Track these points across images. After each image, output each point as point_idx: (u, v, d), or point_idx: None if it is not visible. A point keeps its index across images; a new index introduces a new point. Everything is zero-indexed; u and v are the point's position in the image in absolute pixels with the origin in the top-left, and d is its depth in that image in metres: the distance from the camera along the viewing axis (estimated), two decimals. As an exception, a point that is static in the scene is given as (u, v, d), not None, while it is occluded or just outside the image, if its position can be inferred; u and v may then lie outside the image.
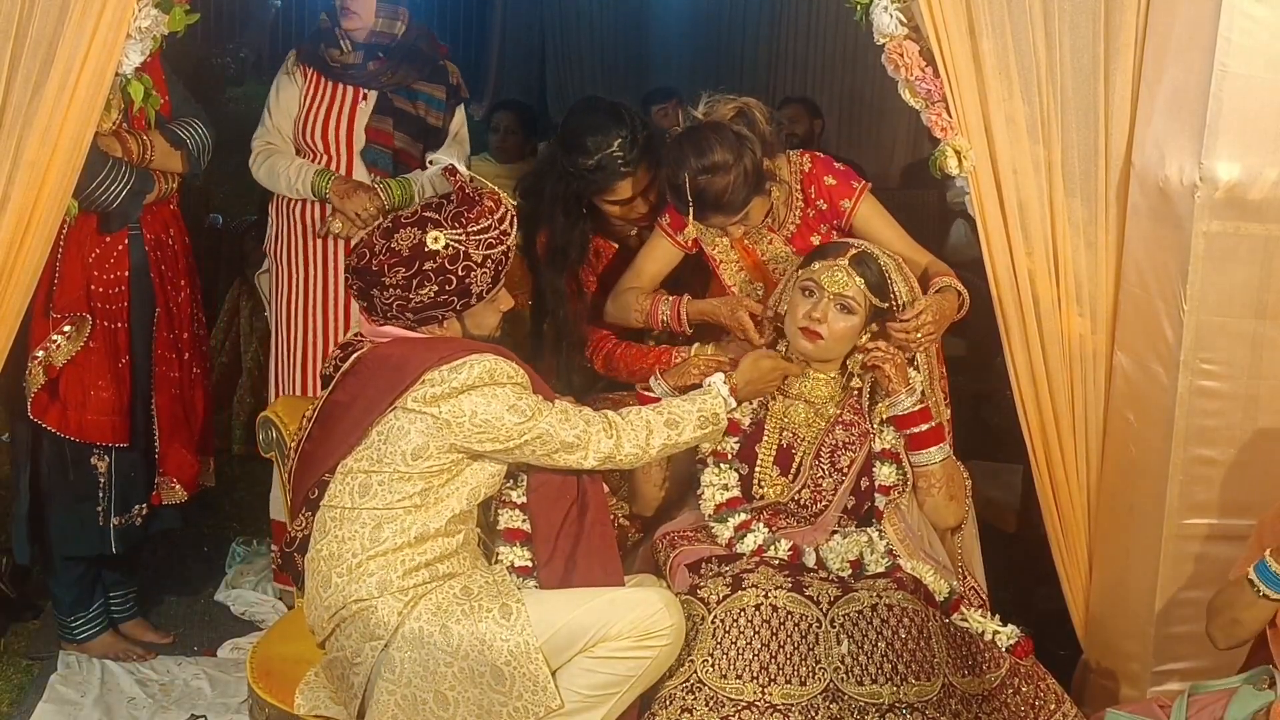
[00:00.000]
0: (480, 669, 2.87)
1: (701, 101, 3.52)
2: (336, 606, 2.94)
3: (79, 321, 3.72)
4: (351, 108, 4.29)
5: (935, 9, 3.29)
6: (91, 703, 3.86)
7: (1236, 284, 3.22)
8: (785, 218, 3.62)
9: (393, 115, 4.32)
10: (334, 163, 4.28)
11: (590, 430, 3.04)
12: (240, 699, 3.80)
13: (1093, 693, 3.61)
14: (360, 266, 2.98)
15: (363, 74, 4.30)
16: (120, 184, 3.67)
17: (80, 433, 3.79)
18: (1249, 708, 2.83)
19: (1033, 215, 3.42)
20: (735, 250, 3.65)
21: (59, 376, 3.73)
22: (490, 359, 2.96)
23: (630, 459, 3.09)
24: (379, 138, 4.31)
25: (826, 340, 3.28)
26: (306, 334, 4.34)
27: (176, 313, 3.95)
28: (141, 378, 3.90)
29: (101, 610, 4.09)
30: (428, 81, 4.39)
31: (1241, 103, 3.12)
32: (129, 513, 3.91)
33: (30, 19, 3.12)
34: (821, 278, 3.27)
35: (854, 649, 3.00)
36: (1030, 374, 3.50)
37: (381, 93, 4.31)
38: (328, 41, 4.29)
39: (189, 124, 3.89)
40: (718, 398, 3.21)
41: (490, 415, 2.93)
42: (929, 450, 3.33)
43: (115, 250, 3.79)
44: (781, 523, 3.32)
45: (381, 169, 4.32)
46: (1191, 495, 3.33)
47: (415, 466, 2.92)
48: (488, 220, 2.99)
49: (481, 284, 2.99)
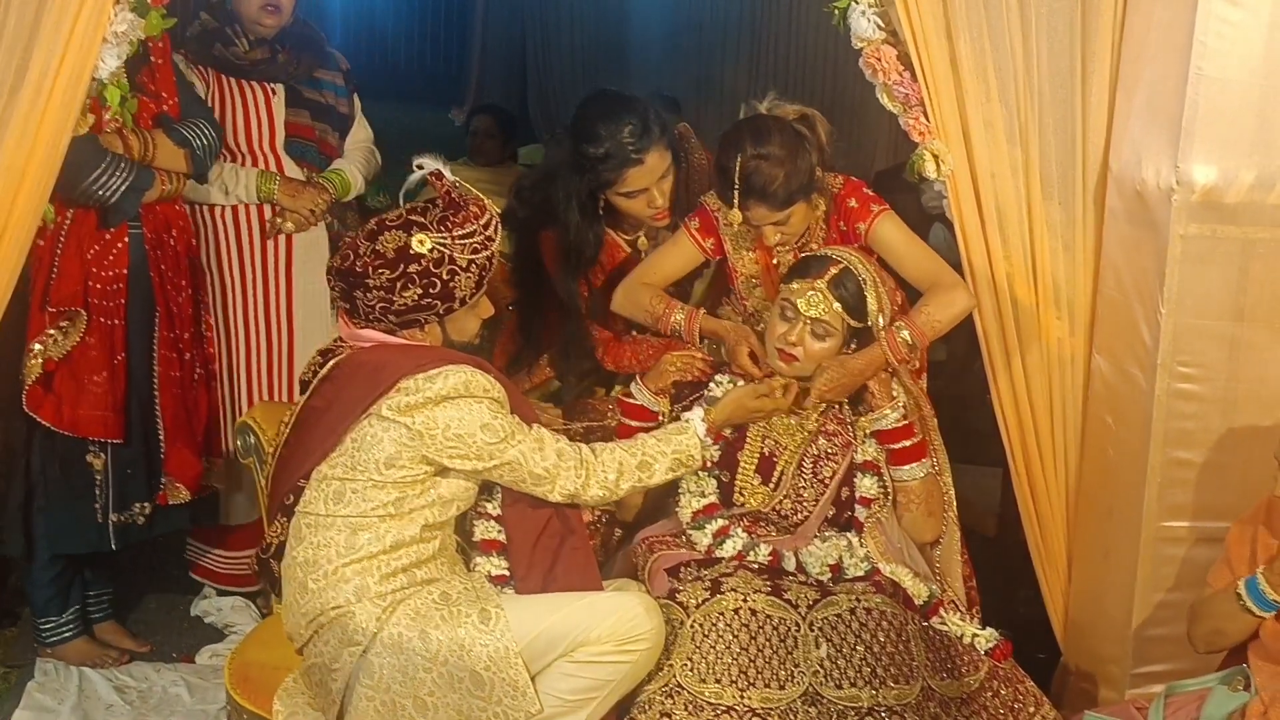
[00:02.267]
0: (459, 674, 2.86)
1: (767, 98, 3.46)
2: (314, 613, 2.93)
3: (74, 317, 3.71)
4: (267, 105, 4.26)
5: (912, 13, 3.30)
6: (69, 710, 3.83)
7: (1213, 287, 3.23)
8: (815, 236, 3.53)
9: (307, 107, 4.32)
10: (260, 163, 4.26)
11: (561, 465, 3.00)
12: (219, 705, 3.78)
13: (1071, 695, 3.62)
14: (344, 268, 2.97)
15: (273, 68, 4.27)
16: (118, 179, 3.65)
17: (74, 427, 3.77)
18: (1224, 708, 2.84)
19: (1010, 219, 3.43)
20: (758, 264, 3.57)
21: (55, 371, 3.72)
22: (467, 371, 2.94)
23: (596, 499, 3.07)
24: (299, 131, 4.30)
25: (802, 362, 3.28)
26: (251, 339, 4.33)
27: (177, 312, 3.93)
28: (140, 376, 3.88)
29: (76, 616, 4.06)
30: (325, 68, 4.40)
31: (1217, 106, 3.13)
32: (129, 510, 3.89)
33: (5, 24, 3.12)
34: (798, 301, 3.23)
35: (833, 653, 3.00)
36: (1009, 377, 3.51)
37: (288, 85, 4.29)
38: (223, 40, 4.20)
39: (196, 124, 3.88)
40: (693, 438, 3.16)
41: (463, 430, 2.91)
42: (910, 466, 3.33)
43: (115, 248, 3.78)
44: (761, 531, 3.31)
45: (309, 162, 4.32)
46: (1170, 498, 3.34)
47: (388, 475, 2.91)
48: (473, 225, 2.98)
49: (465, 289, 2.98)
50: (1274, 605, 2.80)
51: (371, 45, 13.74)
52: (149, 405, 3.91)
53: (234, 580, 4.42)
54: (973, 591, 3.60)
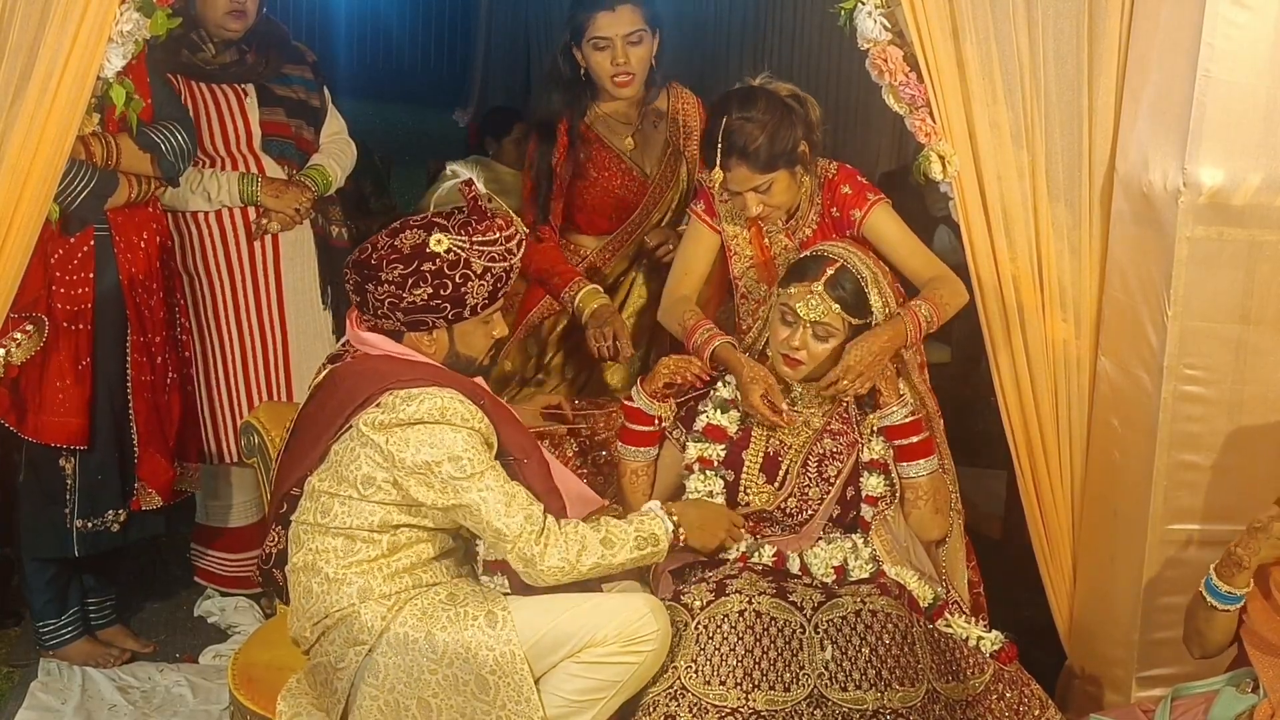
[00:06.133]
0: (464, 677, 2.85)
1: (761, 75, 3.49)
2: (319, 615, 2.93)
3: (38, 322, 3.68)
4: (240, 106, 4.25)
5: (919, 14, 3.29)
6: (72, 710, 3.84)
7: (1220, 289, 3.23)
8: (806, 217, 3.56)
9: (280, 104, 4.30)
10: (239, 165, 4.25)
11: (526, 528, 2.88)
12: (222, 706, 3.78)
13: (1077, 698, 3.62)
14: (360, 260, 2.96)
15: (242, 69, 4.25)
16: (79, 185, 3.62)
17: (37, 433, 3.75)
18: (1232, 710, 2.84)
19: (1017, 221, 3.42)
20: (752, 246, 3.61)
21: (19, 376, 3.70)
22: (447, 396, 2.89)
23: (552, 570, 2.90)
24: (276, 129, 4.29)
25: (807, 364, 3.27)
26: (246, 341, 4.32)
27: (149, 316, 3.91)
28: (109, 381, 3.85)
29: (76, 618, 4.05)
30: (292, 63, 4.39)
31: (1225, 108, 3.13)
32: (100, 517, 3.86)
33: (10, 23, 3.11)
34: (797, 306, 3.22)
35: (838, 655, 3.00)
36: (1014, 379, 3.50)
37: (259, 85, 4.28)
38: (189, 46, 4.17)
39: (167, 128, 3.83)
40: (658, 521, 3.05)
41: (430, 458, 2.85)
42: (918, 463, 3.32)
43: (79, 252, 3.75)
44: (766, 531, 3.31)
45: (289, 159, 4.32)
46: (1175, 500, 3.34)
47: (368, 494, 2.89)
48: (495, 235, 2.95)
49: (477, 296, 2.95)
50: (1228, 597, 2.84)
51: (376, 48, 13.79)
52: (123, 411, 3.90)
53: (236, 583, 4.42)
54: (980, 598, 3.60)
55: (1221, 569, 2.85)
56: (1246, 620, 2.87)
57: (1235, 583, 2.83)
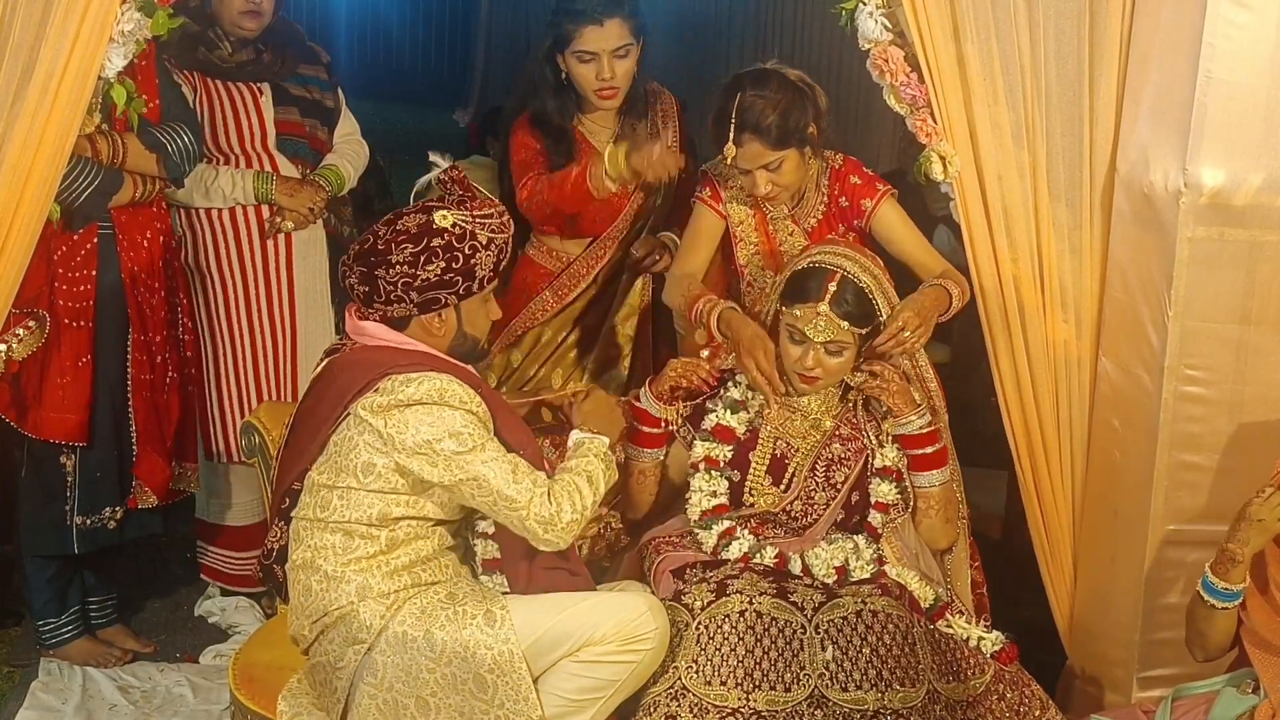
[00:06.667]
0: (463, 676, 2.85)
1: (772, 60, 3.52)
2: (318, 613, 2.92)
3: (39, 318, 3.69)
4: (255, 105, 4.26)
5: (920, 14, 3.29)
6: (73, 710, 3.84)
7: (1221, 289, 3.23)
8: (812, 205, 3.58)
9: (295, 104, 4.31)
10: (254, 163, 4.25)
11: (535, 491, 2.89)
12: (222, 706, 3.78)
13: (1078, 699, 3.61)
14: (364, 250, 2.96)
15: (258, 68, 4.26)
16: (83, 182, 3.63)
17: (37, 429, 3.76)
18: (1232, 710, 2.84)
19: (1017, 221, 3.43)
20: (758, 233, 3.62)
21: (20, 372, 3.71)
22: (445, 379, 2.91)
23: (570, 525, 2.90)
24: (290, 128, 4.30)
25: (824, 379, 3.27)
26: (256, 340, 4.32)
27: (150, 315, 3.91)
28: (110, 379, 3.86)
29: (76, 617, 4.05)
30: (307, 63, 4.40)
31: (1226, 108, 3.13)
32: (98, 514, 3.87)
33: (11, 23, 3.11)
34: (805, 328, 3.21)
35: (838, 655, 3.00)
36: (1015, 380, 3.51)
37: (274, 84, 4.29)
38: (206, 44, 4.18)
39: (174, 128, 3.84)
40: (586, 440, 3.06)
41: (430, 436, 2.86)
42: (931, 473, 3.31)
43: (83, 249, 3.76)
44: (769, 532, 3.30)
45: (304, 159, 4.33)
46: (1176, 501, 3.34)
47: (367, 484, 2.89)
48: (490, 209, 2.99)
49: (485, 267, 2.96)
50: (1225, 594, 2.84)
51: (376, 48, 13.79)
52: (122, 409, 3.90)
53: (240, 580, 4.42)
54: (983, 599, 3.60)
55: (1216, 565, 2.86)
56: (1246, 620, 2.87)
57: (1230, 578, 2.83)
